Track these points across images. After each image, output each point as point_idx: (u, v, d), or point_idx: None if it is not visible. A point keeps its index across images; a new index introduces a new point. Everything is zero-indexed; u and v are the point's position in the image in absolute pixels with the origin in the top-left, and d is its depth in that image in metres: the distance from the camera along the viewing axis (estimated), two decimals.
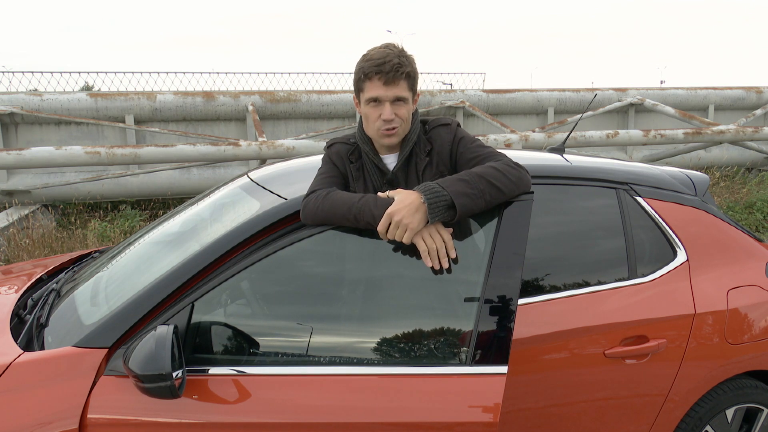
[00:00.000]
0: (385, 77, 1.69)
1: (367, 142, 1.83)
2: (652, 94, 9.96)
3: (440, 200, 1.58)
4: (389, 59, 1.69)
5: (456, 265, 1.69)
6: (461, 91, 9.24)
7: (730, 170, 8.99)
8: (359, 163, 1.85)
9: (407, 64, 1.72)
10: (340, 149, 1.88)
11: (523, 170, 1.71)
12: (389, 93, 1.70)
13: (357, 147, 1.87)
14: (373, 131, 1.78)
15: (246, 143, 6.68)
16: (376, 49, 1.75)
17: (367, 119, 1.77)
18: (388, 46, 1.75)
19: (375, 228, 1.62)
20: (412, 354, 1.67)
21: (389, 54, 1.71)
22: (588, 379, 1.98)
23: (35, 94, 7.73)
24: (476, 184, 1.62)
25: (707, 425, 2.20)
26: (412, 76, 1.74)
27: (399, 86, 1.71)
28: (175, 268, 1.70)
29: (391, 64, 1.68)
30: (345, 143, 1.89)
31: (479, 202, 1.62)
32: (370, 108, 1.75)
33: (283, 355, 1.71)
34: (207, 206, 2.27)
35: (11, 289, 2.27)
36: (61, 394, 1.54)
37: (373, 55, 1.73)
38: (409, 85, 1.74)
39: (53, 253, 5.33)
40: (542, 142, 7.40)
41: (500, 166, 1.68)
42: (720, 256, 2.23)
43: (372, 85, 1.71)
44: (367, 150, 1.83)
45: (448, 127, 1.83)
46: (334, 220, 1.68)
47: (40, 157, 6.12)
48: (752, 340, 2.17)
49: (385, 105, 1.72)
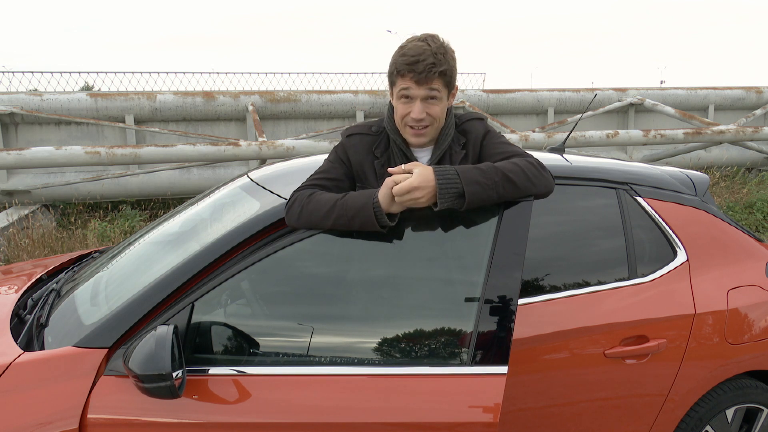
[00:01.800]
0: (417, 77, 1.62)
1: (397, 132, 1.74)
2: (652, 94, 9.96)
3: (452, 187, 1.53)
4: (423, 58, 1.61)
5: (456, 265, 1.68)
6: (461, 91, 9.22)
7: (730, 170, 8.99)
8: (385, 157, 1.74)
9: (443, 62, 1.63)
10: (360, 142, 1.76)
11: (546, 172, 1.66)
12: (421, 91, 1.64)
13: (381, 137, 1.76)
14: (401, 126, 1.71)
15: (246, 143, 6.68)
16: (413, 42, 1.66)
17: (397, 113, 1.70)
18: (426, 40, 1.65)
19: (361, 220, 1.57)
20: (413, 354, 1.67)
21: (425, 51, 1.62)
22: (588, 379, 1.98)
23: (35, 94, 7.73)
24: (491, 175, 1.57)
25: (707, 425, 2.20)
26: (447, 74, 1.66)
27: (432, 84, 1.64)
28: (175, 268, 1.70)
29: (424, 64, 1.61)
30: (367, 134, 1.77)
31: (491, 194, 1.57)
32: (400, 103, 1.68)
33: (284, 355, 1.71)
34: (207, 206, 2.27)
35: (11, 289, 2.27)
36: (61, 394, 1.54)
37: (408, 49, 1.64)
38: (445, 82, 1.66)
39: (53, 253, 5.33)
40: (542, 142, 7.40)
41: (521, 162, 1.63)
42: (720, 256, 2.23)
43: (404, 81, 1.65)
44: (398, 141, 1.74)
45: (482, 122, 1.79)
46: (318, 224, 1.64)
47: (40, 157, 6.11)
48: (752, 340, 2.18)
49: (415, 102, 1.65)
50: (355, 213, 1.58)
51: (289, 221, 1.69)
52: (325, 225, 1.64)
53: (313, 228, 1.68)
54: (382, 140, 1.77)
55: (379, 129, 1.79)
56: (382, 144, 1.76)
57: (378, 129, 1.79)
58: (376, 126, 1.80)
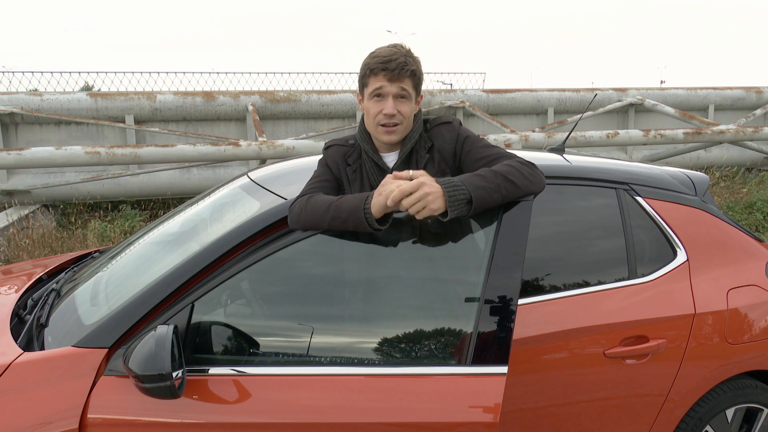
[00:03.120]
0: (390, 74, 1.71)
1: (367, 140, 1.83)
2: (652, 94, 9.96)
3: (460, 194, 1.57)
4: (395, 57, 1.72)
5: (456, 265, 1.68)
6: (461, 91, 9.23)
7: (730, 170, 8.99)
8: (357, 165, 1.84)
9: (413, 63, 1.75)
10: (336, 152, 1.88)
11: (537, 169, 1.71)
12: (393, 88, 1.72)
13: (355, 148, 1.87)
14: (372, 127, 1.78)
15: (246, 143, 6.68)
16: (383, 48, 1.77)
17: (368, 114, 1.78)
18: (395, 46, 1.77)
19: (354, 221, 1.60)
20: (413, 354, 1.67)
21: (396, 53, 1.73)
22: (588, 379, 1.98)
23: (35, 94, 7.73)
24: (492, 178, 1.62)
25: (707, 425, 2.20)
26: (417, 75, 1.76)
27: (403, 83, 1.73)
28: (175, 268, 1.70)
29: (397, 62, 1.71)
30: (342, 145, 1.89)
31: (495, 197, 1.62)
32: (372, 102, 1.75)
33: (284, 355, 1.71)
34: (207, 206, 2.27)
35: (11, 289, 2.27)
36: (61, 394, 1.54)
37: (380, 52, 1.75)
38: (414, 84, 1.76)
39: (53, 253, 5.34)
40: (542, 142, 7.40)
41: (514, 163, 1.68)
42: (720, 256, 2.23)
43: (377, 79, 1.73)
44: (367, 148, 1.82)
45: (449, 126, 1.83)
46: (316, 224, 1.68)
47: (40, 157, 6.12)
48: (752, 340, 2.17)
49: (387, 99, 1.73)
50: (347, 215, 1.63)
51: (292, 224, 1.73)
52: (322, 226, 1.68)
53: (312, 229, 1.69)
54: (355, 150, 1.87)
55: (354, 141, 1.89)
56: (355, 153, 1.86)
57: (354, 141, 1.89)
58: (353, 139, 1.91)
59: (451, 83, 14.88)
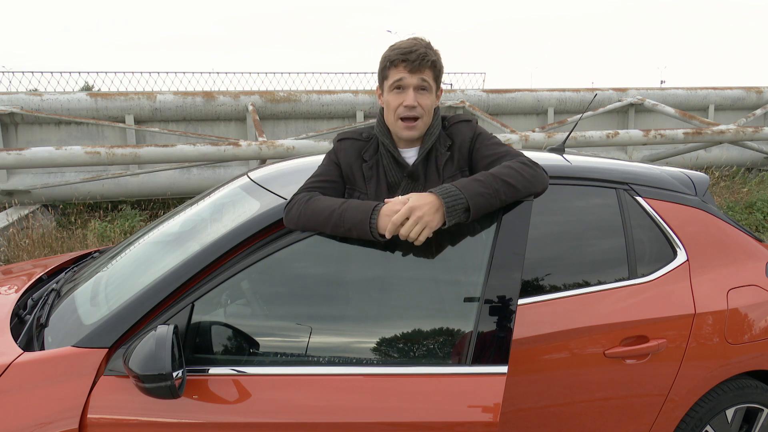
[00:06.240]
0: (410, 65, 1.70)
1: (386, 134, 1.80)
2: (652, 94, 9.96)
3: (458, 203, 1.56)
4: (416, 48, 1.71)
5: (456, 265, 1.68)
6: (461, 91, 9.23)
7: (730, 170, 8.99)
8: (373, 161, 1.81)
9: (433, 54, 1.74)
10: (351, 147, 1.83)
11: (539, 169, 1.70)
12: (413, 79, 1.71)
13: (371, 143, 1.83)
14: (392, 121, 1.76)
15: (246, 143, 6.68)
16: (403, 41, 1.76)
17: (388, 107, 1.76)
18: (415, 38, 1.76)
19: (357, 232, 1.60)
20: (412, 354, 1.67)
21: (416, 44, 1.72)
22: (588, 379, 1.98)
23: (35, 94, 7.73)
24: (491, 183, 1.61)
25: (707, 425, 2.20)
26: (437, 67, 1.75)
27: (424, 74, 1.71)
28: (175, 268, 1.70)
29: (417, 53, 1.70)
30: (357, 139, 1.84)
31: (494, 202, 1.61)
32: (393, 95, 1.74)
33: (283, 355, 1.71)
34: (207, 206, 2.27)
35: (11, 289, 2.27)
36: (61, 394, 1.54)
37: (400, 44, 1.74)
38: (434, 75, 1.75)
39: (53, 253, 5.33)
40: (542, 142, 7.40)
41: (515, 164, 1.67)
42: (720, 256, 2.23)
43: (397, 71, 1.72)
44: (386, 142, 1.79)
45: (469, 124, 1.83)
46: (315, 227, 1.66)
47: (40, 157, 6.12)
48: (752, 340, 2.17)
49: (408, 91, 1.71)
50: (351, 226, 1.61)
51: (288, 224, 1.71)
52: (323, 231, 1.67)
53: (311, 231, 1.69)
54: (371, 145, 1.83)
55: (369, 136, 1.85)
56: (371, 149, 1.83)
57: (368, 135, 1.85)
58: (366, 132, 1.87)
59: (451, 83, 14.90)
